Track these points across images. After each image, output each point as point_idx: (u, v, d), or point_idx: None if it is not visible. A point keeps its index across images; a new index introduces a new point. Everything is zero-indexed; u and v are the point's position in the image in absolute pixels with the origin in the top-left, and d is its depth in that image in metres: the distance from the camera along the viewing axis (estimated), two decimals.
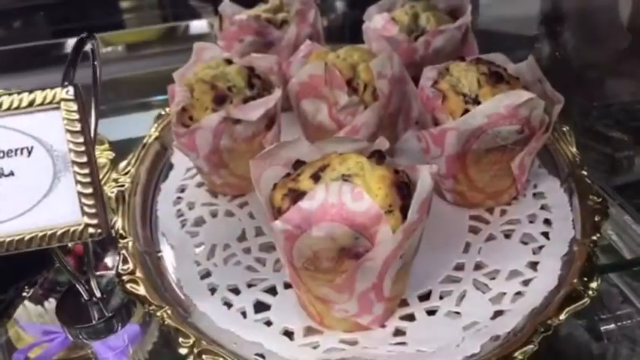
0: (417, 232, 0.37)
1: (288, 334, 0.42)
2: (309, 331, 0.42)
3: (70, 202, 0.32)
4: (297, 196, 0.37)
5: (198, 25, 1.11)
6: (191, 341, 0.39)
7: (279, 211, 0.38)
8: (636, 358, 0.64)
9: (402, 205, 0.37)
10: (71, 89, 0.32)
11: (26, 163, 0.32)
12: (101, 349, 0.98)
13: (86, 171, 0.32)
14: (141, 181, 0.57)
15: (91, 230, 0.33)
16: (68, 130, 0.31)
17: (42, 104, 0.32)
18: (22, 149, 0.32)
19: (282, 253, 0.39)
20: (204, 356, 0.38)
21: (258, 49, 0.64)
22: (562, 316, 0.38)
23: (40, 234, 0.32)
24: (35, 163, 0.32)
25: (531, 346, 0.36)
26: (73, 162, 0.32)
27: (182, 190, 0.58)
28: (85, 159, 0.32)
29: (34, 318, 0.93)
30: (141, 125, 0.69)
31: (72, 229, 0.32)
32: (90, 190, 0.32)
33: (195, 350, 0.38)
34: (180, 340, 0.39)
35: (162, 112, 0.67)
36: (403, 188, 0.38)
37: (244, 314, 0.44)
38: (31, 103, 0.32)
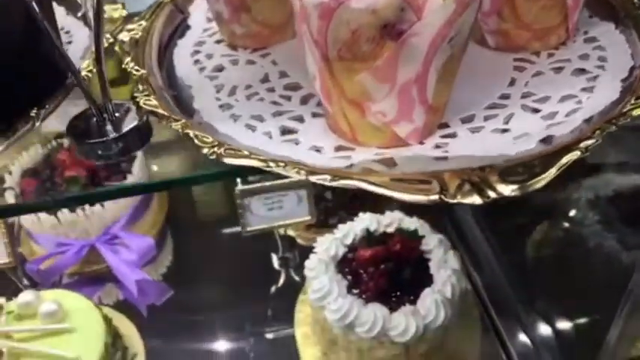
0: (470, 9, 0.33)
1: (318, 150, 0.39)
2: (340, 148, 0.39)
3: None
4: None
5: None
6: (215, 141, 0.35)
7: None
8: None
9: None
10: None
11: None
12: (114, 262, 0.97)
13: None
14: (156, 32, 0.53)
15: None
16: None
17: None
18: None
19: (314, 46, 0.35)
20: (226, 152, 0.34)
21: None
22: (631, 115, 0.34)
23: None
24: None
25: (593, 141, 0.32)
26: None
27: (200, 45, 0.55)
28: None
29: (47, 228, 0.91)
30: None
31: None
32: None
33: (218, 150, 0.35)
34: (202, 140, 0.35)
35: None
36: None
37: (270, 136, 0.40)
38: None
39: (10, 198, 0.90)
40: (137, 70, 0.45)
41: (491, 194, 0.29)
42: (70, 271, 0.94)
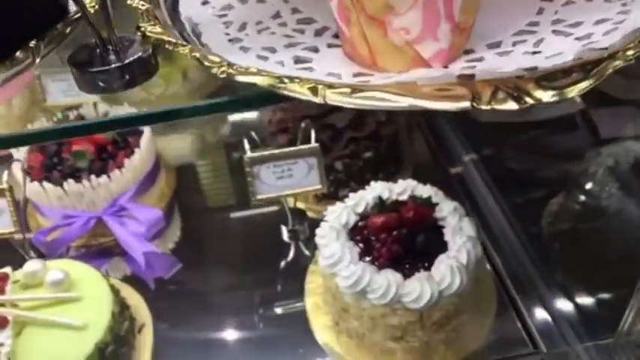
0: None
1: (335, 76, 0.36)
2: (359, 75, 0.36)
3: None
4: None
5: None
6: (223, 61, 0.33)
7: None
8: None
9: None
10: None
11: None
12: (122, 234, 0.95)
13: None
14: None
15: None
16: None
17: None
18: None
19: None
20: (237, 69, 0.32)
21: None
22: None
23: None
24: None
25: (634, 51, 0.30)
26: None
27: None
28: None
29: (53, 200, 0.89)
30: None
31: None
32: None
33: (228, 69, 0.33)
34: (211, 61, 0.33)
35: None
36: None
37: (283, 65, 0.38)
38: None
39: (17, 170, 0.89)
40: (142, 5, 0.43)
41: (529, 100, 0.26)
42: (76, 244, 0.93)
